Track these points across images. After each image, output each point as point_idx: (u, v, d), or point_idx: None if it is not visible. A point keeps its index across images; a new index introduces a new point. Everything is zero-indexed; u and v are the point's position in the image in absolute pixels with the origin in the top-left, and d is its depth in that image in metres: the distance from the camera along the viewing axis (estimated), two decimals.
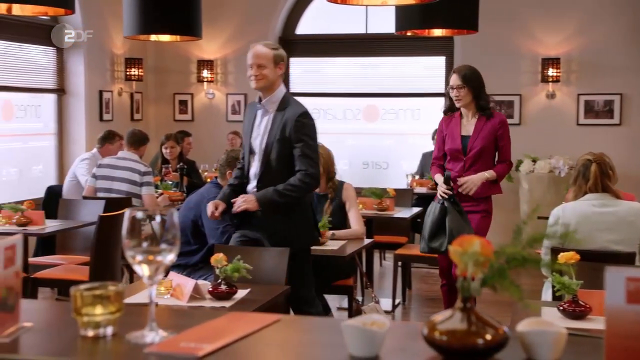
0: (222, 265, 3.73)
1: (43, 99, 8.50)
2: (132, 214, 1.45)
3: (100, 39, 8.89)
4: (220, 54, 9.76)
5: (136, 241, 1.45)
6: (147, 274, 1.47)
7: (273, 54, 4.19)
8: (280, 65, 4.22)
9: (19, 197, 7.34)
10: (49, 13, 6.07)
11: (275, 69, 4.19)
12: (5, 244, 1.47)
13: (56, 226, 5.77)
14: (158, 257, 1.45)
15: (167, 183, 7.18)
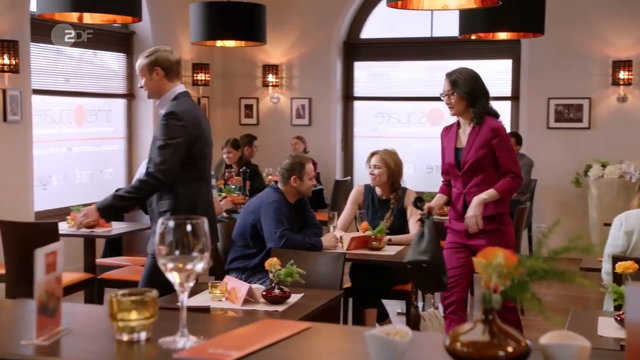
0: (276, 269, 3.79)
1: (113, 103, 8.74)
2: (164, 223, 1.50)
3: (169, 45, 9.04)
4: (285, 58, 9.86)
5: (168, 249, 1.50)
6: (177, 281, 1.52)
7: (144, 64, 4.09)
8: (155, 70, 4.05)
9: (92, 199, 7.55)
10: (117, 21, 6.25)
11: (152, 76, 4.06)
12: (46, 250, 1.55)
13: (121, 228, 5.93)
14: (188, 265, 1.50)
15: (230, 187, 7.29)
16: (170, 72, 4.06)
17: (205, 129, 4.14)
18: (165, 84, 4.06)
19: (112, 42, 8.60)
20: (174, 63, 4.10)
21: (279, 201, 5.07)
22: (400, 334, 1.44)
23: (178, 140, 3.94)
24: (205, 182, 4.20)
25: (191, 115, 4.03)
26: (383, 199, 5.56)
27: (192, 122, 4.00)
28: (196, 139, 4.02)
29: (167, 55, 4.10)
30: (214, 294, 3.79)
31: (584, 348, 1.40)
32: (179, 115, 3.97)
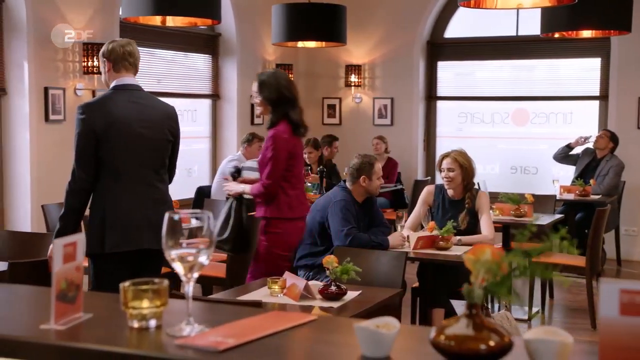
0: (333, 266, 3.86)
1: (199, 103, 8.99)
2: (170, 216, 1.59)
3: (253, 46, 9.28)
4: (368, 58, 9.91)
5: (173, 242, 1.58)
6: (182, 272, 1.60)
7: (100, 56, 4.01)
8: (104, 62, 3.96)
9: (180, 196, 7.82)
10: (198, 23, 6.45)
11: (105, 69, 3.98)
12: (65, 241, 1.66)
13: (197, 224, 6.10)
14: (190, 257, 1.58)
15: (307, 185, 7.40)
16: (117, 63, 3.93)
17: (124, 124, 3.84)
18: (112, 77, 3.96)
19: (199, 44, 8.86)
20: (122, 54, 3.93)
21: (346, 200, 5.13)
22: (388, 326, 1.48)
23: (79, 133, 3.79)
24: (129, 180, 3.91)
25: (102, 106, 3.83)
26: (454, 199, 5.54)
27: (92, 114, 3.78)
28: (100, 133, 3.79)
29: (117, 46, 3.96)
30: (272, 289, 3.89)
31: (566, 344, 1.40)
32: (82, 106, 3.87)
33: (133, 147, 3.92)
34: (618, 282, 1.31)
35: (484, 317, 1.44)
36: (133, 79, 4.06)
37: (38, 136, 6.68)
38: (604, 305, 1.30)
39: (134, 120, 3.90)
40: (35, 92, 6.64)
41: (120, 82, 3.96)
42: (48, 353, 1.57)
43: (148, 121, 3.96)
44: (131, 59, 4.00)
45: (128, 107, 3.92)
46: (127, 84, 3.98)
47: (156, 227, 4.10)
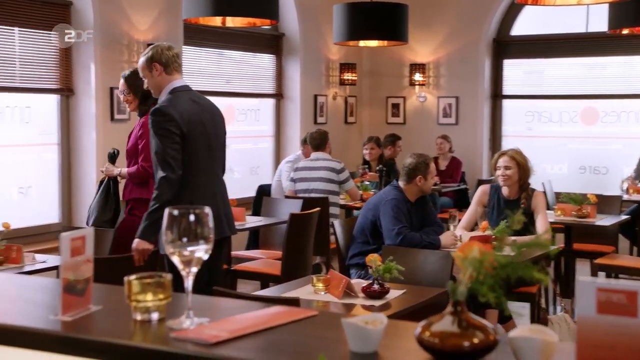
0: (376, 265, 3.86)
1: (263, 103, 9.10)
2: (170, 211, 1.63)
3: (316, 46, 9.33)
4: (433, 57, 9.84)
5: (173, 236, 1.62)
6: (180, 266, 1.64)
7: (142, 61, 4.13)
8: (153, 65, 4.07)
9: (246, 194, 7.96)
10: (257, 23, 6.53)
11: (152, 73, 4.09)
12: (73, 235, 1.72)
13: (254, 223, 6.20)
14: (186, 251, 1.62)
15: (366, 184, 7.41)
16: (169, 66, 4.08)
17: (198, 123, 4.05)
18: (165, 79, 4.08)
19: (262, 44, 8.96)
20: (172, 56, 4.10)
21: (398, 199, 5.12)
22: (374, 323, 1.48)
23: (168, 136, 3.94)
24: (198, 176, 4.08)
25: (180, 110, 3.98)
26: (510, 199, 5.46)
27: (178, 117, 3.96)
28: (184, 134, 3.97)
29: (164, 49, 4.11)
30: (316, 287, 3.92)
31: (549, 343, 1.38)
32: (164, 110, 3.98)
33: (207, 145, 4.14)
34: (595, 281, 1.29)
35: (469, 315, 1.43)
36: (183, 80, 4.23)
37: (104, 135, 6.87)
38: (581, 304, 1.28)
39: (204, 119, 4.13)
40: (101, 92, 6.83)
41: (177, 84, 4.12)
42: (53, 343, 1.63)
43: (212, 120, 4.21)
44: (179, 60, 4.18)
45: (194, 107, 4.12)
46: (183, 86, 4.16)
47: (228, 217, 4.27)
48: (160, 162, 3.95)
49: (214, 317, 1.69)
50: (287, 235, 5.66)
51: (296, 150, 8.46)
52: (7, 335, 1.67)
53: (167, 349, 1.52)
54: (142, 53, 4.26)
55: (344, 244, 5.38)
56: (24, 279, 2.32)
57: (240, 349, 1.50)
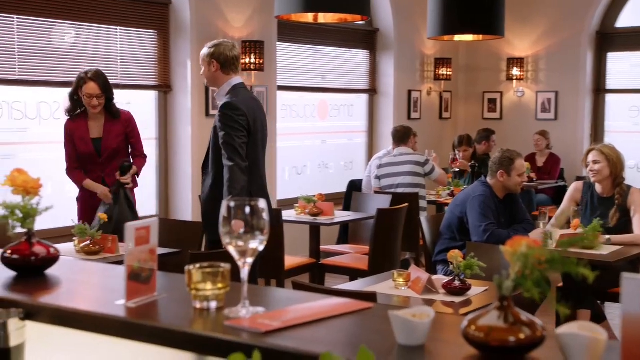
0: (457, 261, 3.82)
1: (357, 98, 9.12)
2: (227, 203, 1.67)
3: (411, 41, 9.28)
4: (532, 51, 9.62)
5: (229, 228, 1.67)
6: (236, 257, 1.68)
7: (205, 54, 4.43)
8: (212, 62, 4.37)
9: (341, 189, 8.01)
10: (347, 19, 6.54)
11: (210, 67, 4.39)
12: (137, 225, 1.79)
13: (342, 218, 6.23)
14: (239, 242, 1.66)
15: (458, 181, 7.33)
16: (226, 66, 4.37)
17: (259, 119, 4.38)
18: (220, 76, 4.39)
19: (357, 39, 8.98)
20: (231, 58, 4.39)
21: (486, 195, 5.05)
22: (421, 316, 1.48)
23: (237, 128, 4.22)
24: (257, 167, 4.38)
25: (246, 106, 4.29)
26: (604, 196, 5.29)
27: (246, 112, 4.26)
28: (250, 128, 4.27)
29: (226, 50, 4.39)
30: (397, 282, 3.91)
31: (597, 340, 1.34)
32: (234, 105, 4.25)
33: (263, 139, 4.52)
34: None
35: (516, 310, 1.41)
36: (240, 77, 4.53)
37: (199, 130, 7.05)
38: (627, 301, 1.24)
39: (260, 116, 4.47)
40: (197, 88, 7.01)
41: (236, 82, 4.43)
42: (116, 328, 1.70)
43: (264, 117, 4.57)
44: (238, 62, 4.49)
45: (254, 104, 4.47)
46: (241, 83, 4.48)
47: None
48: (230, 152, 4.22)
49: (270, 308, 1.72)
50: (375, 231, 5.67)
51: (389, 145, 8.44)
52: (76, 319, 1.76)
53: (220, 336, 1.56)
54: (208, 45, 4.53)
55: (430, 240, 5.35)
56: (99, 266, 2.42)
57: (290, 338, 1.53)
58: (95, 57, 6.47)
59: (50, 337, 1.86)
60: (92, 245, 4.57)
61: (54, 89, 6.27)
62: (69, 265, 2.24)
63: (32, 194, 2.11)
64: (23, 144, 6.34)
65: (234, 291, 1.77)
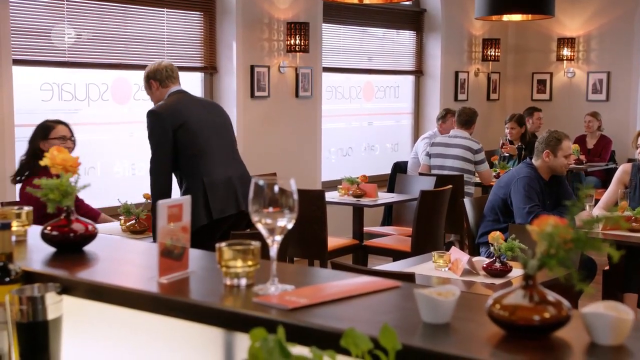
0: (498, 243, 3.79)
1: (402, 80, 9.07)
2: (256, 182, 1.69)
3: (459, 21, 9.18)
4: (583, 30, 9.43)
5: (257, 206, 1.68)
6: (266, 235, 1.70)
7: (143, 80, 4.64)
8: (151, 83, 4.57)
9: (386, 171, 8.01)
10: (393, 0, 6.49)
11: (151, 89, 4.59)
12: (169, 202, 1.81)
13: (386, 199, 6.22)
14: (268, 219, 1.67)
15: (504, 163, 7.25)
16: (163, 81, 4.56)
17: (195, 116, 4.42)
18: (163, 92, 4.57)
19: (403, 20, 8.92)
20: (163, 72, 4.56)
21: (530, 177, 4.99)
22: (447, 294, 1.48)
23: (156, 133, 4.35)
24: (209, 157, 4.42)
25: (171, 108, 4.40)
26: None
27: (171, 112, 4.37)
28: (177, 128, 4.34)
29: (157, 67, 4.58)
30: (437, 263, 3.91)
31: (623, 320, 1.32)
32: (153, 111, 4.41)
33: (216, 132, 4.59)
34: None
35: (542, 289, 1.40)
36: (180, 86, 4.68)
37: (244, 111, 7.10)
38: None
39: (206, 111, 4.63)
40: (242, 70, 7.05)
41: (172, 90, 4.60)
42: (149, 303, 1.73)
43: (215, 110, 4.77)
44: (173, 72, 4.63)
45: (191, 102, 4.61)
46: (178, 89, 4.61)
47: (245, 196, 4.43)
48: (151, 158, 4.40)
49: (300, 285, 1.74)
50: (418, 212, 5.65)
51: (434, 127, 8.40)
52: (111, 294, 1.80)
53: (247, 312, 1.58)
54: (146, 67, 4.69)
55: (474, 222, 5.31)
56: (136, 243, 2.46)
57: (316, 315, 1.54)
58: (143, 39, 6.55)
59: (86, 311, 1.90)
60: (137, 225, 4.65)
61: (102, 70, 6.37)
62: (107, 243, 2.29)
63: (71, 172, 2.15)
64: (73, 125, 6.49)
65: (264, 269, 1.79)
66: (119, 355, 1.90)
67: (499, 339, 1.40)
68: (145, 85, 4.66)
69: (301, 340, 1.42)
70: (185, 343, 1.75)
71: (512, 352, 1.36)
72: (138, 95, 6.62)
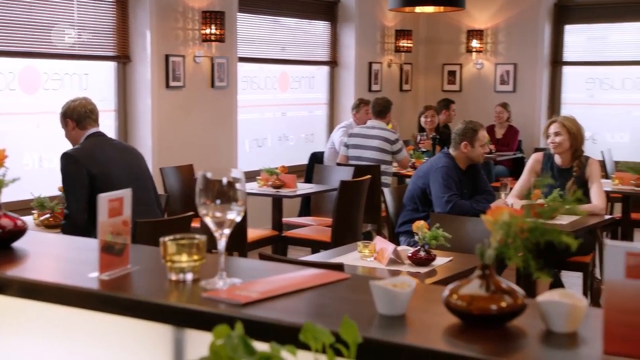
0: (423, 232, 3.84)
1: (317, 70, 9.08)
2: (203, 174, 1.65)
3: (372, 12, 9.25)
4: (491, 23, 9.66)
5: (205, 198, 1.64)
6: (213, 228, 1.66)
7: (59, 115, 4.38)
8: (67, 122, 4.33)
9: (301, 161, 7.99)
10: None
11: (67, 127, 4.35)
12: (110, 196, 1.75)
13: (305, 190, 6.22)
14: (217, 212, 1.64)
15: (419, 152, 7.36)
16: (81, 122, 4.32)
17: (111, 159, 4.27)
18: (79, 134, 4.33)
19: (318, 10, 8.91)
20: (84, 113, 4.32)
21: (448, 166, 5.08)
22: (403, 285, 1.48)
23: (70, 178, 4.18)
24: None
25: (86, 152, 4.22)
26: (563, 167, 5.36)
27: (87, 158, 4.18)
28: (93, 170, 4.17)
29: (78, 106, 4.33)
30: (362, 253, 3.93)
31: (577, 307, 1.36)
32: (68, 154, 4.22)
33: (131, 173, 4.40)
34: (624, 245, 1.26)
35: (497, 278, 1.42)
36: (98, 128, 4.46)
37: (159, 102, 6.96)
38: (610, 268, 1.26)
39: (118, 154, 4.44)
40: (157, 59, 6.91)
41: (92, 131, 4.38)
42: (90, 301, 1.67)
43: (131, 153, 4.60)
44: (94, 115, 4.40)
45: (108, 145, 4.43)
46: (96, 132, 4.40)
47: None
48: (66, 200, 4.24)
49: (246, 279, 1.71)
50: (337, 202, 5.67)
51: (349, 117, 8.45)
52: (47, 292, 1.72)
53: (199, 308, 1.55)
54: (63, 105, 4.44)
55: (393, 211, 5.37)
56: (69, 239, 2.38)
57: (270, 309, 1.52)
58: (53, 26, 6.32)
59: (20, 311, 1.82)
60: (52, 219, 4.50)
61: (9, 58, 6.12)
62: (37, 238, 2.20)
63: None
64: None
65: (207, 263, 1.75)
66: (60, 356, 1.83)
67: (456, 329, 1.41)
68: (61, 122, 4.40)
69: (257, 336, 1.40)
70: (132, 341, 1.70)
71: (470, 341, 1.37)
72: (48, 84, 6.40)
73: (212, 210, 1.64)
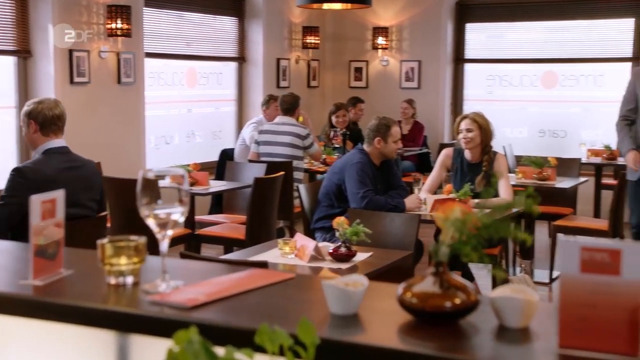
0: (343, 228, 3.86)
1: (225, 66, 8.98)
2: (144, 175, 1.59)
3: (279, 8, 9.23)
4: (396, 20, 9.79)
5: (147, 199, 1.59)
6: (156, 229, 1.61)
7: (22, 113, 3.96)
8: (30, 123, 3.88)
9: (210, 158, 7.88)
10: None
11: (29, 129, 3.90)
12: (43, 197, 1.68)
13: (218, 187, 6.15)
14: (162, 213, 1.59)
15: (330, 149, 7.40)
16: (45, 127, 3.89)
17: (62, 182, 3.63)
18: (40, 139, 3.90)
19: (224, 6, 8.82)
20: (50, 118, 3.89)
21: (363, 162, 5.11)
22: (355, 284, 1.48)
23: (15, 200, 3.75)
24: None
25: (40, 173, 3.83)
26: (472, 162, 5.49)
27: (39, 181, 3.74)
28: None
29: (45, 109, 3.90)
30: (283, 250, 3.91)
31: (531, 302, 1.39)
32: (20, 169, 3.87)
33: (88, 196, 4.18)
34: (579, 239, 1.29)
35: (450, 276, 1.43)
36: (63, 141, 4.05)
37: (63, 98, 6.69)
38: (565, 263, 1.29)
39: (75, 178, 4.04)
40: (60, 54, 6.68)
41: (55, 145, 3.97)
42: (25, 308, 1.59)
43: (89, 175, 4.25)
44: (60, 122, 3.99)
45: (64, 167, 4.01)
46: (60, 147, 4.01)
47: None
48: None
49: (188, 281, 1.67)
50: (252, 200, 5.64)
51: (259, 114, 8.40)
52: None
53: (143, 312, 1.50)
54: (28, 103, 4.03)
55: (309, 207, 5.38)
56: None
57: (219, 312, 1.49)
58: None
59: None
60: None
61: None
62: None
63: None
64: None
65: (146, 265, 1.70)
66: None
67: (410, 327, 1.41)
68: (23, 121, 3.93)
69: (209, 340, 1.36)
70: (73, 349, 1.63)
71: (425, 339, 1.38)
72: None
73: (154, 211, 1.59)
